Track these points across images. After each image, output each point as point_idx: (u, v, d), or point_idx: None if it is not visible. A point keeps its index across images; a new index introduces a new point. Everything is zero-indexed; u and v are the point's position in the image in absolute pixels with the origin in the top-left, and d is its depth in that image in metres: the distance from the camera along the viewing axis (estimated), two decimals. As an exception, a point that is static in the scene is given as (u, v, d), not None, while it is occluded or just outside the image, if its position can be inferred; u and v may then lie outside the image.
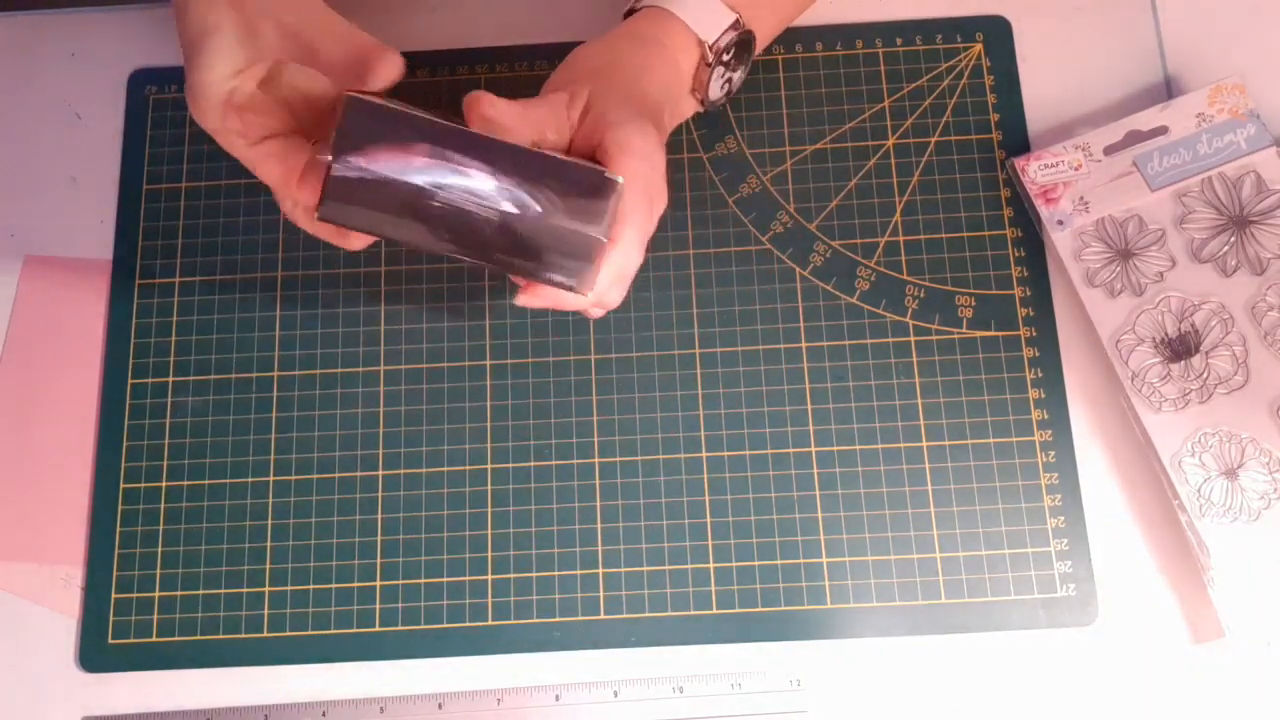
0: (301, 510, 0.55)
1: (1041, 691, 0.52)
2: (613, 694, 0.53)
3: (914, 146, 0.59)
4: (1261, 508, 0.52)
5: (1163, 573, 0.54)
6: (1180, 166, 0.56)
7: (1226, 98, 0.57)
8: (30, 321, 0.59)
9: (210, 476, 0.56)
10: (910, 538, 0.54)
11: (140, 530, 0.55)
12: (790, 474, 0.55)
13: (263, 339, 0.58)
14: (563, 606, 0.54)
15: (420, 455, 0.56)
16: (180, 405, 0.57)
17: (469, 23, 0.62)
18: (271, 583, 0.54)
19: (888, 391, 0.56)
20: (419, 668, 0.54)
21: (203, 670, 0.54)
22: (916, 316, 0.57)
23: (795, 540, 0.54)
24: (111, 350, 0.58)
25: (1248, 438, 0.53)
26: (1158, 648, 0.53)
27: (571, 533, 0.55)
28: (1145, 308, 0.55)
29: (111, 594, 0.55)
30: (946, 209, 0.58)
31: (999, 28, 0.61)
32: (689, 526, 0.55)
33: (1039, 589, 0.53)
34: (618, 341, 0.57)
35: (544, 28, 0.62)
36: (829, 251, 0.58)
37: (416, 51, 0.62)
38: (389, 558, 0.55)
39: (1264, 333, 0.54)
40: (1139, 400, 0.54)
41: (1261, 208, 0.56)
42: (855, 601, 0.53)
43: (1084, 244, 0.56)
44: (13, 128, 0.62)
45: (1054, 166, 0.57)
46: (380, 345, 0.57)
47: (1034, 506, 0.54)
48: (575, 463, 0.56)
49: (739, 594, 0.54)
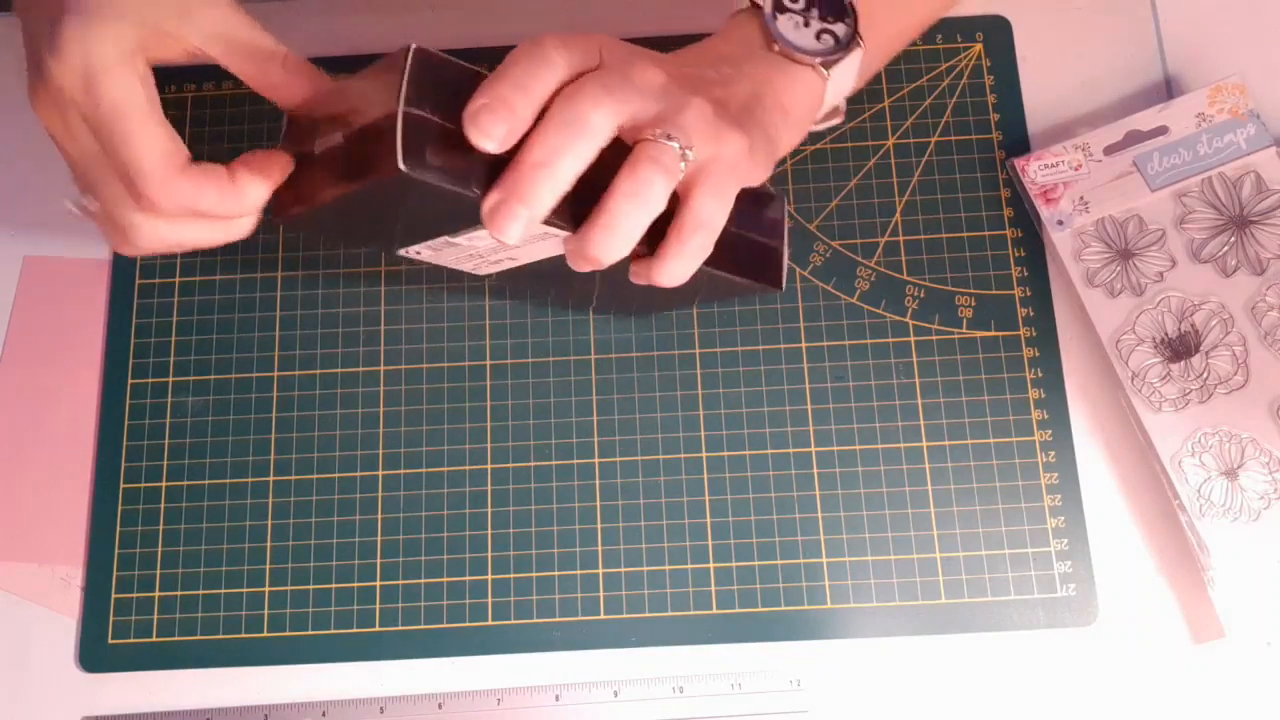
0: (301, 510, 0.55)
1: (1041, 691, 0.52)
2: (613, 694, 0.53)
3: (914, 146, 0.59)
4: (1261, 508, 0.52)
5: (1163, 573, 0.54)
6: (1180, 166, 0.56)
7: (1226, 98, 0.57)
8: (30, 321, 0.59)
9: (210, 476, 0.56)
10: (910, 538, 0.54)
11: (140, 530, 0.55)
12: (790, 474, 0.55)
13: (263, 339, 0.58)
14: (563, 606, 0.54)
15: (420, 455, 0.56)
16: (180, 405, 0.57)
17: (469, 23, 0.62)
18: (271, 583, 0.54)
19: (888, 391, 0.56)
20: (419, 668, 0.54)
21: (203, 670, 0.54)
22: (916, 316, 0.57)
23: (795, 540, 0.54)
24: (111, 350, 0.58)
25: (1248, 438, 0.53)
26: (1158, 648, 0.53)
27: (571, 533, 0.55)
28: (1145, 308, 0.55)
29: (111, 594, 0.55)
30: (946, 209, 0.58)
31: (999, 28, 0.61)
32: (689, 526, 0.55)
33: (1039, 589, 0.53)
34: (618, 341, 0.57)
35: (544, 28, 0.62)
36: (829, 251, 0.58)
37: (416, 51, 0.62)
38: (389, 558, 0.55)
39: (1264, 333, 0.54)
40: (1139, 400, 0.54)
41: (1261, 208, 0.56)
42: (855, 601, 0.53)
43: (1084, 244, 0.56)
44: (13, 128, 0.62)
45: (1054, 166, 0.57)
46: (380, 345, 0.57)
47: (1034, 506, 0.54)
48: (575, 463, 0.56)
49: (739, 594, 0.54)
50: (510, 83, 0.40)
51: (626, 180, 0.40)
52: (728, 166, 0.42)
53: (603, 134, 0.40)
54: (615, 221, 0.41)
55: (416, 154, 0.38)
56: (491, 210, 0.40)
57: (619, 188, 0.40)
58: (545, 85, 0.40)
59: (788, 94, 0.46)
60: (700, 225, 0.42)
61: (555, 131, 0.40)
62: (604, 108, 0.40)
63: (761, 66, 0.46)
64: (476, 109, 0.39)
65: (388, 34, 0.62)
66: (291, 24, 0.62)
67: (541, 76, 0.40)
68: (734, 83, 0.45)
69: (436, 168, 0.39)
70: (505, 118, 0.39)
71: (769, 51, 0.46)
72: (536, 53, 0.41)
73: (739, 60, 0.46)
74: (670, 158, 0.41)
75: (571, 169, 0.40)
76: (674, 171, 0.41)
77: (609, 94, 0.40)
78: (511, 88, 0.40)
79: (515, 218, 0.40)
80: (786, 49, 0.46)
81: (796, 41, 0.46)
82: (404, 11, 0.63)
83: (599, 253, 0.41)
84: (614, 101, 0.40)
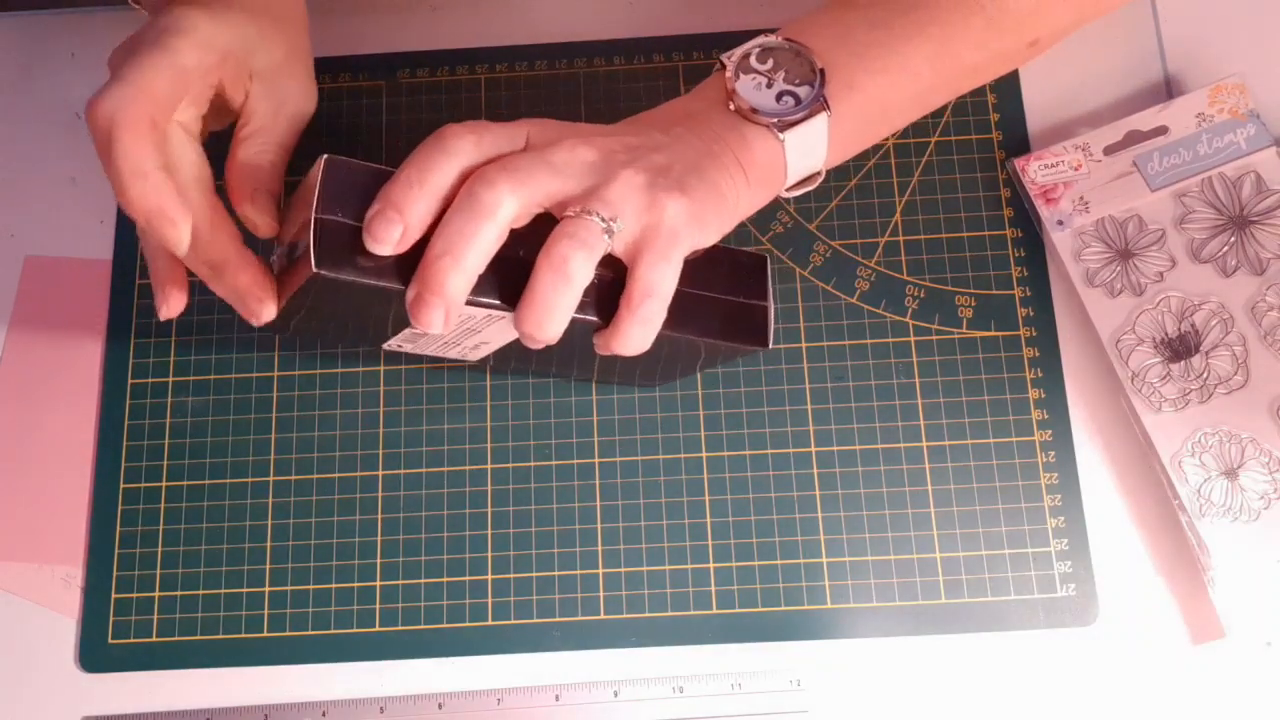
0: (301, 510, 0.55)
1: (1041, 691, 0.52)
2: (613, 694, 0.53)
3: (914, 146, 0.59)
4: (1261, 508, 0.52)
5: (1162, 573, 0.54)
6: (1180, 166, 0.56)
7: (1226, 98, 0.57)
8: (30, 321, 0.59)
9: (210, 476, 0.56)
10: (910, 538, 0.54)
11: (140, 530, 0.55)
12: (790, 474, 0.55)
13: (263, 339, 0.58)
14: (563, 606, 0.54)
15: (420, 455, 0.56)
16: (180, 405, 0.57)
17: (469, 23, 0.62)
18: (271, 583, 0.54)
19: (888, 391, 0.56)
20: (419, 668, 0.54)
21: (203, 670, 0.54)
22: (916, 316, 0.57)
23: (795, 540, 0.54)
24: (111, 350, 0.58)
25: (1248, 438, 0.53)
26: (1158, 648, 0.53)
27: (571, 533, 0.55)
28: (1145, 308, 0.55)
29: (111, 594, 0.55)
30: (946, 209, 0.58)
31: (999, 28, 0.61)
32: (689, 526, 0.55)
33: (1039, 589, 0.53)
34: (618, 341, 0.57)
35: (544, 28, 0.62)
36: (829, 251, 0.58)
37: (416, 51, 0.62)
38: (389, 558, 0.55)
39: (1264, 333, 0.54)
40: (1139, 400, 0.54)
41: (1261, 208, 0.56)
42: (855, 601, 0.53)
43: (1084, 244, 0.56)
44: (13, 128, 0.62)
45: (1054, 166, 0.57)
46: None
47: (1034, 506, 0.54)
48: (575, 463, 0.56)
49: (739, 594, 0.54)
50: (402, 183, 0.41)
51: (544, 258, 0.41)
52: (668, 232, 0.42)
53: (504, 216, 0.41)
54: (541, 299, 0.41)
55: (331, 256, 0.41)
56: (411, 304, 0.41)
57: (539, 265, 0.41)
58: (444, 176, 0.41)
59: (745, 154, 0.45)
60: (647, 293, 0.42)
61: (454, 220, 0.41)
62: (500, 189, 0.41)
63: (717, 125, 0.45)
64: (370, 216, 0.41)
65: (388, 34, 0.62)
66: (291, 24, 0.62)
67: (439, 168, 0.41)
68: (683, 142, 0.44)
69: (354, 266, 0.41)
70: (395, 220, 0.40)
71: (728, 111, 0.45)
72: (435, 144, 0.42)
73: (701, 117, 0.46)
74: (588, 231, 0.41)
75: (477, 254, 0.41)
76: (593, 245, 0.41)
77: (509, 176, 0.41)
78: (403, 188, 0.41)
79: (431, 309, 0.41)
80: (741, 107, 0.45)
81: (753, 101, 0.45)
82: (404, 11, 0.63)
83: (535, 331, 0.42)
84: (513, 183, 0.41)
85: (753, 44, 0.46)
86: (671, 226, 0.42)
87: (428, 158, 0.42)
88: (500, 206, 0.40)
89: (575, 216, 0.41)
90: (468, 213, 0.40)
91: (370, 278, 0.41)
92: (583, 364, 0.53)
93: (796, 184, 0.47)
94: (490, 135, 0.43)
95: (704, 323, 0.45)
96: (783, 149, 0.45)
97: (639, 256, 0.42)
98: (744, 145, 0.45)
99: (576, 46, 0.61)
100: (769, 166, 0.45)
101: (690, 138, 0.45)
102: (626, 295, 0.42)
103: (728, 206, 0.45)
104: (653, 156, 0.43)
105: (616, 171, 0.42)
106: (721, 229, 0.45)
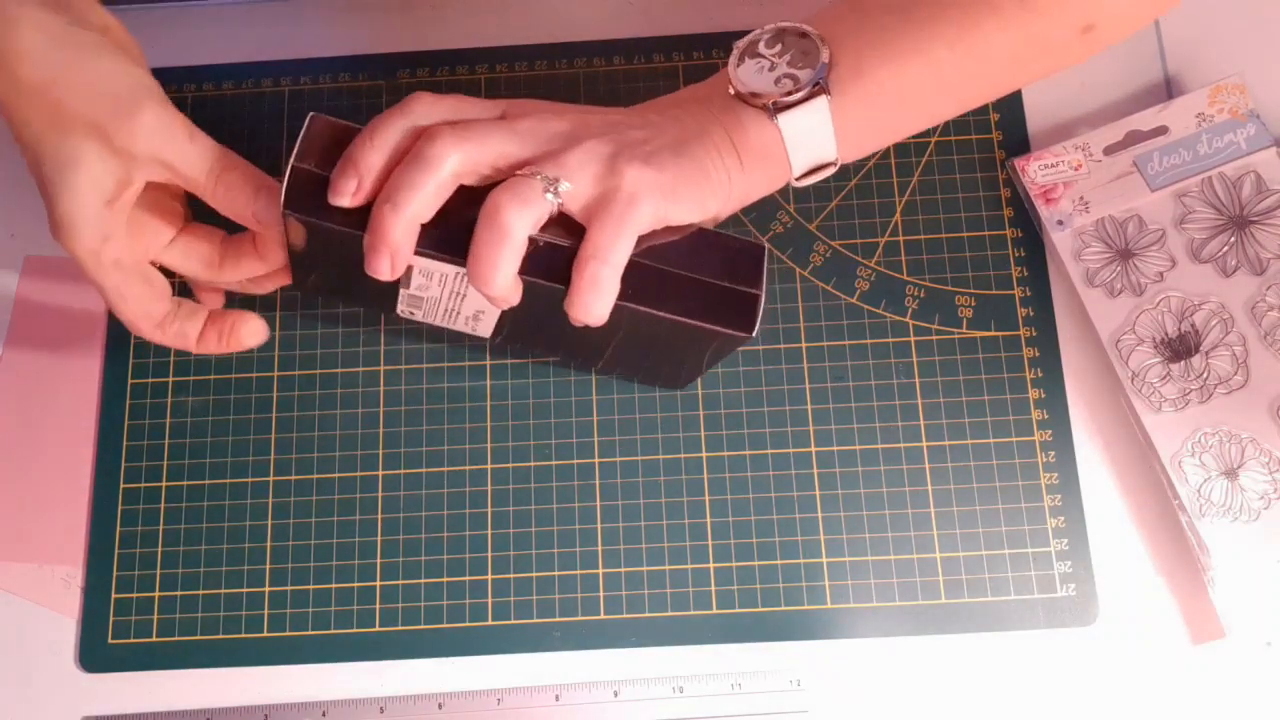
0: (301, 510, 0.55)
1: (1041, 691, 0.52)
2: (613, 694, 0.53)
3: (914, 146, 0.59)
4: (1261, 508, 0.52)
5: (1162, 573, 0.54)
6: (1180, 166, 0.56)
7: (1226, 98, 0.57)
8: (30, 321, 0.59)
9: (210, 476, 0.56)
10: (910, 538, 0.54)
11: (140, 530, 0.55)
12: (790, 474, 0.55)
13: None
14: (563, 606, 0.54)
15: (420, 455, 0.56)
16: (180, 405, 0.57)
17: (469, 23, 0.62)
18: (271, 583, 0.54)
19: (888, 391, 0.56)
20: (419, 668, 0.54)
21: (203, 670, 0.54)
22: (916, 316, 0.57)
23: (795, 540, 0.54)
24: (111, 350, 0.58)
25: (1248, 438, 0.53)
26: (1158, 648, 0.53)
27: (571, 533, 0.55)
28: (1145, 308, 0.55)
29: (111, 594, 0.55)
30: (946, 209, 0.58)
31: (999, 28, 0.61)
32: (689, 526, 0.55)
33: (1039, 589, 0.53)
34: (618, 341, 0.57)
35: (544, 28, 0.62)
36: (829, 251, 0.58)
37: (416, 51, 0.62)
38: (389, 558, 0.55)
39: (1264, 333, 0.54)
40: (1139, 400, 0.54)
41: (1261, 208, 0.56)
42: (855, 601, 0.53)
43: (1084, 244, 0.56)
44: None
45: (1054, 166, 0.57)
46: (380, 345, 0.57)
47: (1034, 506, 0.54)
48: (575, 463, 0.56)
49: (739, 594, 0.54)
50: (360, 140, 0.43)
51: (481, 212, 0.42)
52: (625, 198, 0.42)
53: (447, 170, 0.42)
54: (479, 251, 0.42)
55: (299, 200, 0.44)
56: (365, 250, 0.43)
57: (479, 219, 0.42)
58: (395, 132, 0.43)
59: (739, 135, 0.45)
60: (594, 254, 0.42)
61: (400, 172, 0.43)
62: (444, 143, 0.42)
63: (716, 108, 0.45)
64: (335, 172, 0.43)
65: (388, 35, 0.62)
66: (293, 24, 0.62)
67: (394, 126, 0.44)
68: (676, 122, 0.45)
69: (323, 211, 0.43)
70: (350, 174, 0.43)
71: (729, 94, 0.45)
72: (397, 108, 0.44)
73: (704, 101, 0.46)
74: (528, 188, 0.42)
75: (418, 203, 0.42)
76: (530, 201, 0.42)
77: (456, 133, 0.43)
78: (359, 144, 0.43)
79: (378, 254, 0.43)
80: (740, 90, 0.45)
81: (751, 84, 0.45)
82: (404, 11, 0.63)
83: (483, 286, 0.43)
84: (458, 140, 0.42)
85: (764, 29, 0.46)
86: (630, 193, 0.42)
87: (385, 117, 0.44)
88: (443, 159, 0.42)
89: (520, 176, 0.42)
90: (411, 164, 0.42)
91: (335, 223, 0.44)
92: (583, 347, 0.53)
93: (808, 173, 0.47)
94: (453, 101, 0.45)
95: (686, 303, 0.45)
96: (778, 131, 0.45)
97: (592, 219, 0.43)
98: (738, 127, 0.45)
99: (576, 46, 0.61)
100: (765, 150, 0.45)
101: (686, 119, 0.45)
102: (578, 258, 0.43)
103: (712, 185, 0.44)
104: (630, 133, 0.44)
105: (581, 140, 0.43)
106: (703, 207, 0.45)
